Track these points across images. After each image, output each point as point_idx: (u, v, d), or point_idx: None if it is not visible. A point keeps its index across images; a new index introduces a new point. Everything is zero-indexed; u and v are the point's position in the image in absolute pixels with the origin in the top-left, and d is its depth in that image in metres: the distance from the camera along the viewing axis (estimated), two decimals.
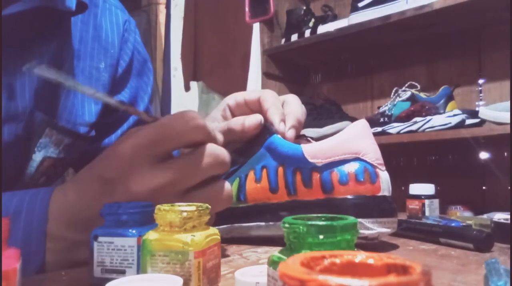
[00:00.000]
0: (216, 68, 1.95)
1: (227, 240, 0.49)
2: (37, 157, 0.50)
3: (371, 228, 0.44)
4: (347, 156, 0.45)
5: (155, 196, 0.35)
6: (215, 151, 0.37)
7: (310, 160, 0.45)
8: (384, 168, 0.46)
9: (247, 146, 0.48)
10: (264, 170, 0.47)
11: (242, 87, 1.82)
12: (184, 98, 2.13)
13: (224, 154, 0.38)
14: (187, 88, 2.01)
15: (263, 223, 0.47)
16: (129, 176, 0.35)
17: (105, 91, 0.57)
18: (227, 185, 0.39)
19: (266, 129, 0.47)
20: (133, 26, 0.63)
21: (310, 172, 0.45)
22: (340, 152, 0.45)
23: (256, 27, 1.65)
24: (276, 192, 0.46)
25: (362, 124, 0.47)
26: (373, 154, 0.45)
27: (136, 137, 0.35)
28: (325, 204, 0.44)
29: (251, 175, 0.47)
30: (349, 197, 0.44)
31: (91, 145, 0.57)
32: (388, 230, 0.45)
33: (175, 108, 2.20)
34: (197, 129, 0.36)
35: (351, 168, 0.44)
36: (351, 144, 0.45)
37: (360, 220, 0.42)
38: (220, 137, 0.39)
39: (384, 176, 0.46)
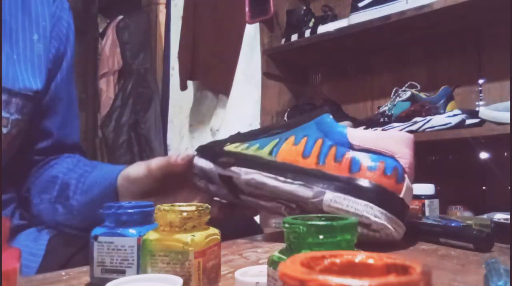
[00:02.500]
0: (211, 67, 1.95)
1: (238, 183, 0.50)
2: None
3: (379, 216, 0.44)
4: (384, 151, 0.46)
5: None
6: None
7: (350, 141, 0.47)
8: (412, 181, 0.47)
9: (294, 121, 0.52)
10: (305, 138, 0.49)
11: (229, 83, 1.89)
12: (181, 98, 2.13)
13: None
14: (183, 87, 2.00)
15: (281, 178, 0.48)
16: None
17: (42, 61, 0.59)
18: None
19: (320, 110, 0.51)
20: (67, 6, 0.66)
21: (345, 151, 0.47)
22: (379, 145, 0.46)
23: (256, 27, 1.65)
24: (307, 158, 0.48)
25: (408, 136, 0.49)
26: (408, 161, 0.47)
27: None
28: (346, 181, 0.46)
29: (291, 139, 0.49)
30: (371, 181, 0.45)
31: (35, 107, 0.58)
32: (392, 230, 0.45)
33: (172, 107, 2.21)
34: None
35: (383, 161, 0.46)
36: (391, 142, 0.47)
37: (372, 205, 0.44)
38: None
39: (409, 185, 0.47)
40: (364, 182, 0.45)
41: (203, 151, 0.53)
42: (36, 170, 0.62)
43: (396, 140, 0.47)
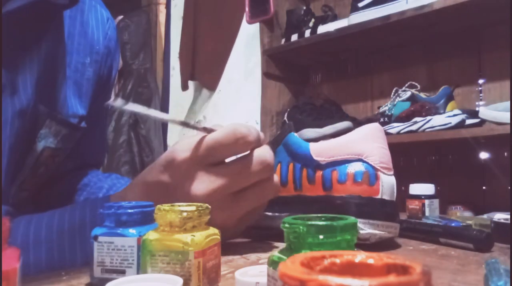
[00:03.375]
0: (211, 66, 1.96)
1: None
2: (38, 147, 0.51)
3: (362, 228, 0.44)
4: (350, 157, 0.46)
5: (211, 197, 0.39)
6: (262, 157, 0.40)
7: (315, 158, 0.47)
8: (390, 172, 0.46)
9: (270, 143, 0.51)
10: (279, 165, 0.50)
11: (217, 79, 1.93)
12: (182, 98, 2.14)
13: (270, 158, 0.41)
14: (184, 87, 2.01)
15: (270, 214, 0.49)
16: (188, 182, 0.40)
17: (90, 86, 0.58)
18: (275, 177, 0.43)
19: (285, 127, 0.50)
20: (114, 24, 0.65)
21: (314, 169, 0.47)
22: (343, 152, 0.46)
23: (256, 27, 1.65)
24: (286, 186, 0.49)
25: (371, 127, 0.47)
26: (378, 157, 0.46)
27: (192, 150, 0.40)
28: (324, 200, 0.46)
29: None
30: (344, 195, 0.45)
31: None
32: (382, 233, 0.45)
33: (172, 107, 2.21)
34: (247, 146, 0.40)
35: (351, 168, 0.45)
36: (355, 145, 0.46)
37: None
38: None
39: (386, 180, 0.46)
40: (338, 198, 0.45)
41: None
42: (60, 183, 0.63)
43: (358, 139, 0.46)
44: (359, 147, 0.46)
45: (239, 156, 0.41)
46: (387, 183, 0.46)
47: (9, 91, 0.47)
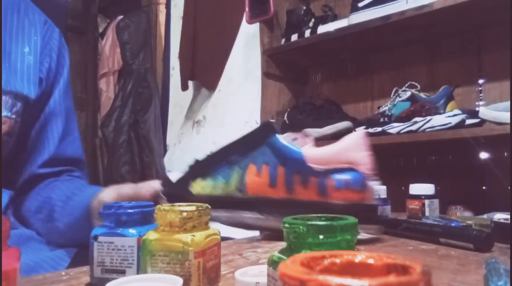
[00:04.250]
0: (210, 66, 1.97)
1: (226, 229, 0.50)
2: None
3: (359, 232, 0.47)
4: (344, 165, 0.49)
5: None
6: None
7: (310, 165, 0.49)
8: (375, 178, 0.50)
9: (245, 141, 0.52)
10: (265, 166, 0.50)
11: (217, 78, 1.96)
12: (181, 98, 2.14)
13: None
14: (184, 87, 2.01)
15: (260, 216, 0.51)
16: None
17: (32, 72, 0.62)
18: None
19: (267, 127, 0.51)
20: (58, 30, 0.69)
21: (308, 175, 0.49)
22: (337, 160, 0.49)
23: (256, 27, 1.65)
24: (275, 188, 0.50)
25: (359, 136, 0.50)
26: (366, 165, 0.49)
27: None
28: (319, 205, 0.48)
29: (252, 168, 0.50)
30: (340, 202, 0.48)
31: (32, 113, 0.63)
32: (371, 236, 0.50)
33: (172, 107, 2.21)
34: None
35: (345, 176, 0.48)
36: (348, 154, 0.49)
37: None
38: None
39: (372, 187, 0.50)
40: (335, 205, 0.48)
41: (169, 192, 0.52)
42: (38, 190, 0.65)
43: (350, 148, 0.49)
44: (352, 156, 0.49)
45: None
46: (374, 188, 0.50)
47: None
